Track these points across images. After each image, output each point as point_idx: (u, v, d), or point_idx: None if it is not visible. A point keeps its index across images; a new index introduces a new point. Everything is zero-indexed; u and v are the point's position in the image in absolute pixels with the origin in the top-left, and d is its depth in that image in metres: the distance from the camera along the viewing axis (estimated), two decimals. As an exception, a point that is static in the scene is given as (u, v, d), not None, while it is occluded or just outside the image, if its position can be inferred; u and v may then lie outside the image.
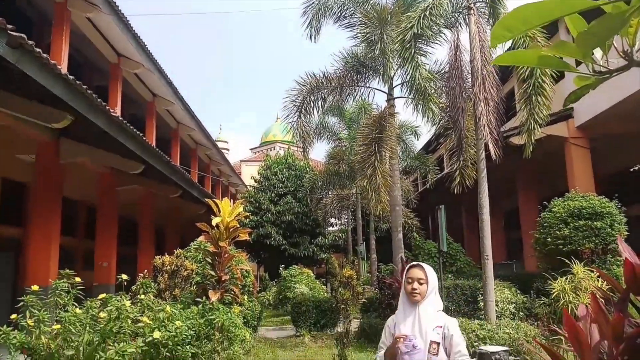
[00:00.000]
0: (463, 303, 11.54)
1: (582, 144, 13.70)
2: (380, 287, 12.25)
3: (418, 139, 20.65)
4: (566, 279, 8.52)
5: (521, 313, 9.99)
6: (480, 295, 10.97)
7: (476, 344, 5.40)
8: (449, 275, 13.01)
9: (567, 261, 9.13)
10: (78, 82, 7.26)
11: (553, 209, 11.21)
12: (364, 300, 13.31)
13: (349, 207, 24.15)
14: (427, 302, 2.81)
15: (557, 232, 10.64)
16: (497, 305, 9.00)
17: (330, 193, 21.65)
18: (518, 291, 11.05)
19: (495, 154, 8.47)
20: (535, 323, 8.92)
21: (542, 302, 9.62)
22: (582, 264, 8.86)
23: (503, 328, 5.79)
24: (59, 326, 4.39)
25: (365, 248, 22.98)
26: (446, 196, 10.36)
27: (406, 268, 2.92)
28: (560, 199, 11.44)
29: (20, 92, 7.58)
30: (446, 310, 10.20)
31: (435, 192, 18.64)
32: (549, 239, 10.83)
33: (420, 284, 2.80)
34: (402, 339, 2.69)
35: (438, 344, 2.70)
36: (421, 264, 2.91)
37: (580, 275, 8.19)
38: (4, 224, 12.27)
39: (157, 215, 17.53)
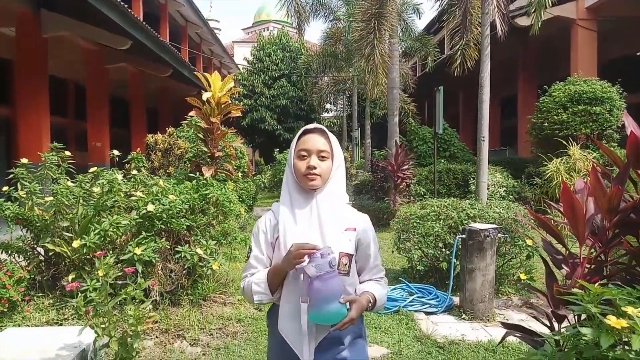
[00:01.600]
0: (454, 187, 11.76)
1: (589, 27, 13.13)
2: (373, 171, 12.37)
3: (420, 18, 19.68)
4: (561, 160, 8.56)
5: (511, 196, 10.20)
6: (471, 179, 11.14)
7: (466, 222, 5.49)
8: (442, 160, 13.12)
9: (564, 142, 9.13)
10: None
11: (553, 94, 11.01)
12: (356, 182, 13.50)
13: (345, 92, 23.67)
14: (329, 190, 1.80)
15: (555, 117, 10.54)
16: (487, 189, 9.14)
17: (325, 77, 21.04)
18: (509, 175, 11.22)
19: (501, 31, 8.05)
20: (524, 206, 9.15)
21: (534, 183, 9.79)
22: (578, 147, 8.87)
23: (493, 208, 5.86)
24: (51, 198, 4.38)
25: (360, 134, 22.93)
26: (444, 83, 10.05)
27: (297, 135, 1.86)
28: (561, 83, 11.18)
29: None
30: (437, 194, 10.57)
31: (434, 78, 18.20)
32: (546, 124, 10.76)
33: (322, 158, 1.79)
34: (307, 254, 1.60)
35: (350, 256, 1.76)
36: (323, 127, 1.86)
37: (576, 156, 8.21)
38: (-8, 103, 11.99)
39: (149, 97, 17.16)
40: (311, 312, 1.63)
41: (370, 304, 1.75)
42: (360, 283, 1.85)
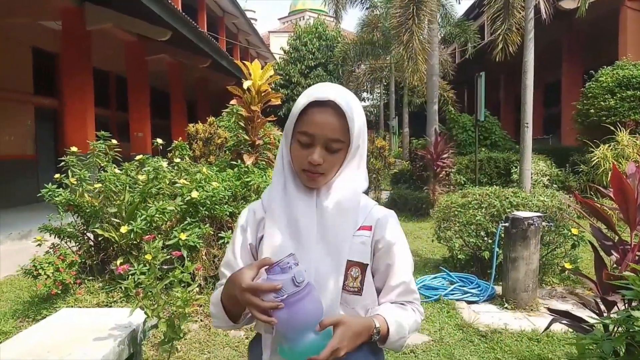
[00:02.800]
0: (496, 176, 11.53)
1: (638, 8, 12.56)
2: (412, 159, 12.24)
3: (459, 3, 19.26)
4: (609, 146, 8.27)
5: (554, 185, 9.93)
6: (514, 168, 10.90)
7: (509, 210, 5.38)
8: (483, 149, 12.87)
9: (611, 129, 8.80)
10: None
11: (600, 79, 10.61)
12: (395, 171, 13.41)
13: (382, 80, 23.46)
14: (341, 180, 1.28)
15: (602, 102, 10.16)
16: (530, 178, 8.92)
17: (362, 65, 20.90)
18: (553, 164, 10.91)
19: (545, 14, 7.79)
20: (569, 195, 8.90)
21: (579, 172, 9.49)
22: (627, 133, 8.54)
23: (537, 196, 5.72)
24: (100, 185, 4.54)
25: (398, 123, 22.72)
26: (484, 69, 9.82)
27: (300, 104, 1.23)
28: (608, 67, 10.76)
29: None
30: (478, 183, 10.39)
31: (474, 64, 17.84)
32: (592, 110, 10.39)
33: (332, 150, 1.22)
34: (264, 268, 1.12)
35: (364, 267, 1.24)
36: (338, 98, 1.20)
37: (625, 142, 7.91)
38: (41, 95, 12.46)
39: (188, 88, 17.44)
40: (285, 348, 1.12)
41: (375, 331, 1.17)
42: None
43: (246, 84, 5.05)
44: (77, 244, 4.74)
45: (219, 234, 4.57)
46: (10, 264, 5.47)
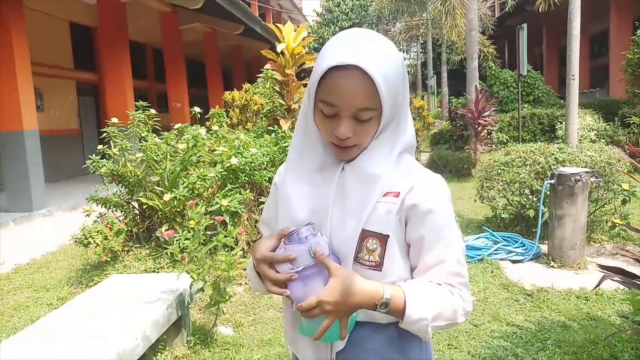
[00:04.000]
0: (539, 133, 11.14)
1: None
2: (452, 119, 11.96)
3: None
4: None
5: (602, 140, 9.53)
6: (558, 124, 10.49)
7: (554, 167, 5.19)
8: (525, 105, 12.42)
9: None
10: None
11: (653, 25, 9.97)
12: (434, 132, 13.17)
13: (419, 39, 22.80)
14: (378, 142, 1.09)
15: (655, 51, 9.58)
16: (577, 132, 8.57)
17: (398, 23, 20.34)
18: (600, 118, 10.45)
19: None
20: (620, 148, 8.51)
21: (629, 124, 9.06)
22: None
23: (585, 151, 5.49)
24: (142, 154, 4.62)
25: (436, 82, 22.16)
26: (525, 22, 9.34)
27: (320, 67, 1.02)
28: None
29: None
30: (521, 140, 10.05)
31: (514, 17, 17.07)
32: (644, 60, 9.82)
33: (362, 121, 1.04)
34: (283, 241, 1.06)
35: (383, 239, 1.06)
36: (364, 60, 0.98)
37: (680, 93, 7.45)
38: (81, 70, 12.74)
39: (222, 56, 17.45)
40: (303, 325, 1.06)
41: (381, 302, 1.00)
42: None
43: (280, 47, 4.99)
44: (123, 213, 4.88)
45: (260, 199, 4.62)
46: (63, 234, 5.71)
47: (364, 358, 1.10)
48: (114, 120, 4.86)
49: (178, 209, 4.42)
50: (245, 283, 4.25)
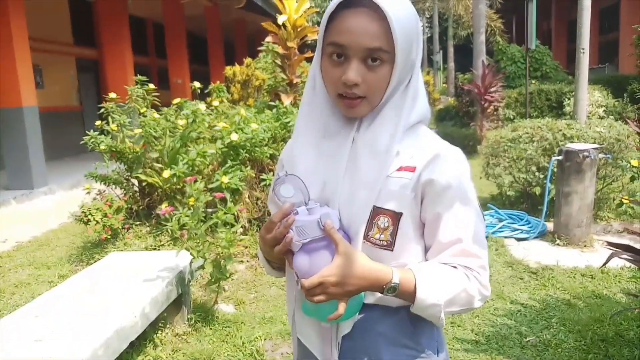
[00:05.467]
0: (547, 109, 10.97)
1: None
2: (458, 95, 11.80)
3: None
4: (675, 71, 7.65)
5: (611, 116, 9.37)
6: (566, 100, 10.32)
7: (562, 143, 5.09)
8: (533, 81, 12.21)
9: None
10: None
11: (666, -2, 9.70)
12: (440, 108, 13.01)
13: (424, 13, 22.40)
14: (390, 108, 1.00)
15: (667, 24, 9.32)
16: (586, 108, 8.41)
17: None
18: (610, 94, 10.26)
19: None
20: (631, 123, 8.36)
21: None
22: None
23: (593, 127, 5.37)
24: (140, 130, 4.54)
25: (442, 57, 21.84)
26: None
27: (329, 8, 0.94)
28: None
29: None
30: (528, 117, 9.90)
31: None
32: (656, 33, 9.57)
33: (373, 65, 0.93)
34: (290, 214, 0.94)
35: (396, 216, 0.97)
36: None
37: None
38: (81, 46, 12.57)
39: (225, 31, 17.20)
40: (307, 304, 1.00)
41: (389, 286, 0.93)
42: None
43: (281, 18, 4.85)
44: (123, 190, 4.82)
45: (261, 176, 4.54)
46: (63, 212, 5.68)
47: (371, 343, 1.03)
48: (112, 95, 4.76)
49: (178, 186, 4.36)
50: (247, 261, 4.22)
